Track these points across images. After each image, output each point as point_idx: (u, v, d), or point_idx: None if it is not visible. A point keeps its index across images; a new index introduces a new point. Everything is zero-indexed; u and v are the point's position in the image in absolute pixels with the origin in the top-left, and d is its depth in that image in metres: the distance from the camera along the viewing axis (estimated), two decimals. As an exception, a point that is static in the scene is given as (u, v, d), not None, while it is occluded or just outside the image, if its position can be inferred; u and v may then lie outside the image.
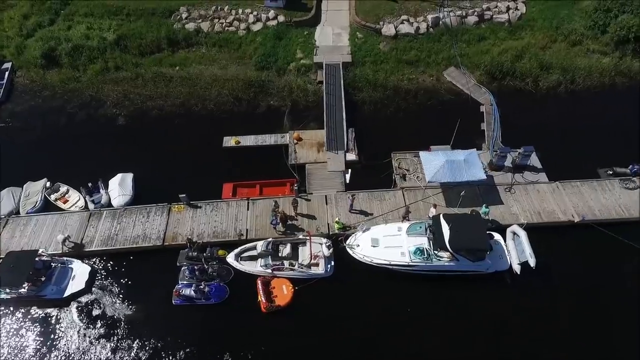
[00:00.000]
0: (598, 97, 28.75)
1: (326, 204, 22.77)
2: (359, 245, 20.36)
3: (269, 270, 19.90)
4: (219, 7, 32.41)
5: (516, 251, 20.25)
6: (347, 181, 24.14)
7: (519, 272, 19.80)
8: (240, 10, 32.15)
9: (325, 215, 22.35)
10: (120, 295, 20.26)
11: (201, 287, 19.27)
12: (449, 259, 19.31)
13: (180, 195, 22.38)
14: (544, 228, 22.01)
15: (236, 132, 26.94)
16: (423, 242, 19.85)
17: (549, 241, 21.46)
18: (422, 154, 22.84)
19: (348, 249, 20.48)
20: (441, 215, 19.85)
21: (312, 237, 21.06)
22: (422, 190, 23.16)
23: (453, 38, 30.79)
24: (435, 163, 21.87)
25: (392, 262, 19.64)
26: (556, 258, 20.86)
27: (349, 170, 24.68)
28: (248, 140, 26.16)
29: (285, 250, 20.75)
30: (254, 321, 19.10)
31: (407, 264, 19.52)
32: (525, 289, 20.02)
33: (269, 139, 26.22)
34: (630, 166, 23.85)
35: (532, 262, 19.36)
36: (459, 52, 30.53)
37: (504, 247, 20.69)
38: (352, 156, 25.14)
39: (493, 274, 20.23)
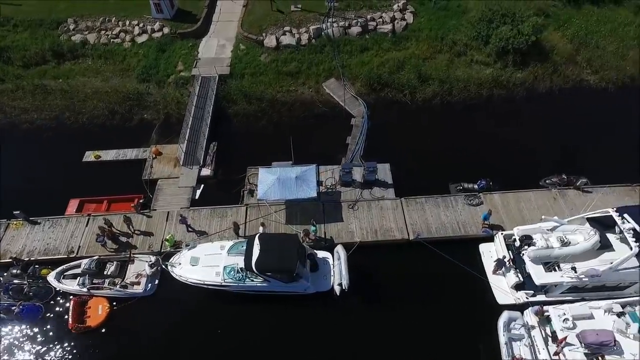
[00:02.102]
0: (472, 109, 28.61)
1: (166, 220, 22.82)
2: (180, 264, 20.33)
3: (85, 290, 19.95)
4: (106, 19, 32.36)
5: (339, 271, 20.23)
6: (197, 197, 24.23)
7: (338, 293, 19.61)
8: (127, 22, 32.15)
9: (163, 232, 22.34)
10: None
11: (13, 307, 19.32)
12: (261, 280, 19.33)
13: (14, 212, 22.35)
14: (380, 246, 21.96)
15: (104, 146, 26.88)
16: (240, 261, 19.83)
17: (382, 259, 21.43)
18: (260, 170, 22.80)
19: (169, 267, 20.45)
20: (257, 236, 19.76)
21: (138, 255, 21.14)
22: (265, 207, 23.21)
23: (335, 49, 30.72)
24: (269, 180, 21.84)
25: (206, 282, 19.50)
26: (385, 277, 20.69)
27: (201, 185, 24.79)
28: (109, 155, 26.13)
29: (111, 268, 20.73)
30: (61, 343, 19.01)
31: (220, 283, 19.44)
32: (345, 309, 19.76)
33: (130, 154, 26.16)
34: (479, 182, 23.80)
35: (344, 284, 19.22)
36: (340, 63, 30.50)
37: (331, 267, 20.71)
38: (207, 171, 25.11)
39: (316, 294, 20.08)
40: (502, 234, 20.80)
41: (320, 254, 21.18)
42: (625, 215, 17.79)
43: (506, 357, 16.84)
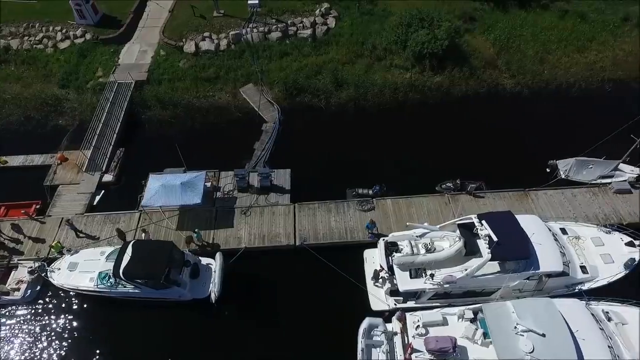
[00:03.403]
0: (385, 114, 28.58)
1: (59, 226, 22.84)
2: (59, 269, 20.43)
3: (-41, 297, 20.12)
4: (30, 24, 32.61)
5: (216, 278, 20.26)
6: (95, 203, 24.36)
7: (214, 300, 19.61)
8: (50, 28, 32.36)
9: (54, 238, 22.32)
10: None
11: None
12: (133, 286, 19.42)
13: None
14: (267, 252, 21.98)
15: (15, 151, 26.96)
16: (115, 267, 19.99)
17: (267, 266, 21.42)
18: (150, 176, 22.90)
19: (48, 273, 20.47)
20: (131, 243, 19.79)
21: (23, 261, 21.21)
22: (158, 213, 23.24)
23: (254, 54, 30.87)
24: (154, 186, 21.95)
25: (80, 287, 19.66)
26: (265, 283, 20.73)
27: (102, 192, 24.92)
28: (16, 161, 26.28)
29: (-6, 275, 20.99)
30: None
31: (92, 289, 19.57)
32: (219, 316, 19.78)
33: (37, 159, 26.30)
34: (374, 187, 23.81)
35: (215, 291, 19.33)
36: (259, 68, 30.64)
37: (213, 273, 20.70)
38: (109, 177, 25.27)
39: (194, 301, 20.05)
40: (384, 240, 20.80)
41: (205, 260, 21.28)
42: (483, 222, 17.87)
43: (361, 364, 16.92)
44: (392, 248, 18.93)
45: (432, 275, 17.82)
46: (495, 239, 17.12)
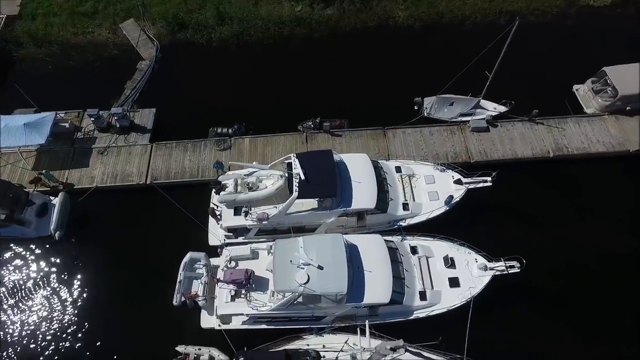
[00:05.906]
0: (267, 51, 27.39)
1: None
2: None
3: None
4: None
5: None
6: (-38, 146, 24.27)
7: (57, 238, 20.32)
8: None
9: None
10: None
11: None
12: (-21, 223, 19.97)
13: None
14: (117, 191, 22.23)
15: None
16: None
17: (116, 204, 21.80)
18: (2, 117, 22.57)
19: None
20: (-26, 182, 20.12)
21: None
22: (16, 153, 23.16)
23: (134, -15, 29.07)
24: (-1, 128, 21.76)
25: None
26: (113, 221, 21.19)
27: (-39, 133, 24.71)
28: None
29: None
30: None
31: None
32: (62, 254, 20.62)
33: None
34: (234, 126, 23.47)
35: (51, 229, 19.92)
36: (140, 2, 28.87)
37: (53, 212, 20.82)
38: (-26, 119, 25.00)
39: (39, 238, 20.69)
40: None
41: (55, 199, 21.58)
42: (296, 160, 17.83)
43: (176, 294, 17.60)
44: (217, 187, 19.09)
45: (246, 213, 18.20)
46: (302, 177, 17.24)
